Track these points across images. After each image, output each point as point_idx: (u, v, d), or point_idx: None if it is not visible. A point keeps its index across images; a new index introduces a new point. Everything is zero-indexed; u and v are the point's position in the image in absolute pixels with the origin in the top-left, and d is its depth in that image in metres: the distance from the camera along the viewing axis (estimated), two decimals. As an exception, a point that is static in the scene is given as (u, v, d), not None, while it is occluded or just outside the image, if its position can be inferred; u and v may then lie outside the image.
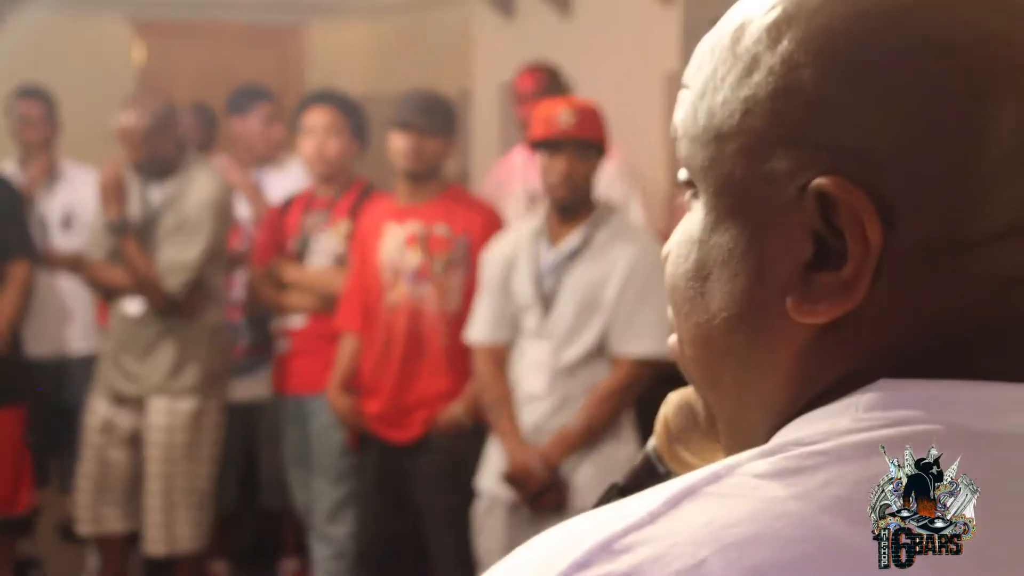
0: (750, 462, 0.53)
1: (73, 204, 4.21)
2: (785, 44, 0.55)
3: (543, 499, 2.88)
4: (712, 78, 0.58)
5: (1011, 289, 0.54)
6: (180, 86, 5.63)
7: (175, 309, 3.60)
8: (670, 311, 0.63)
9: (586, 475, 2.88)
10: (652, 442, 0.92)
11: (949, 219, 0.53)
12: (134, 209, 3.61)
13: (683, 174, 0.61)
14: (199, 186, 3.60)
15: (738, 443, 0.59)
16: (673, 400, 0.90)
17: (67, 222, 4.25)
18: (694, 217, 0.59)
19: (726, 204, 0.57)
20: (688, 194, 0.60)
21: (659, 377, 3.04)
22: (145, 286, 3.56)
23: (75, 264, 3.94)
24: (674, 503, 0.51)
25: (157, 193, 3.63)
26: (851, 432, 0.52)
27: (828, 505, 0.50)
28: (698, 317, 0.59)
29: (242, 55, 6.52)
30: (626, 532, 0.51)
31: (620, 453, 2.88)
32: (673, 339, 0.63)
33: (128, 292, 3.62)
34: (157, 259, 3.56)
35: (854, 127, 0.53)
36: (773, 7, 0.56)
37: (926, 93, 0.52)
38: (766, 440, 0.55)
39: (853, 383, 0.54)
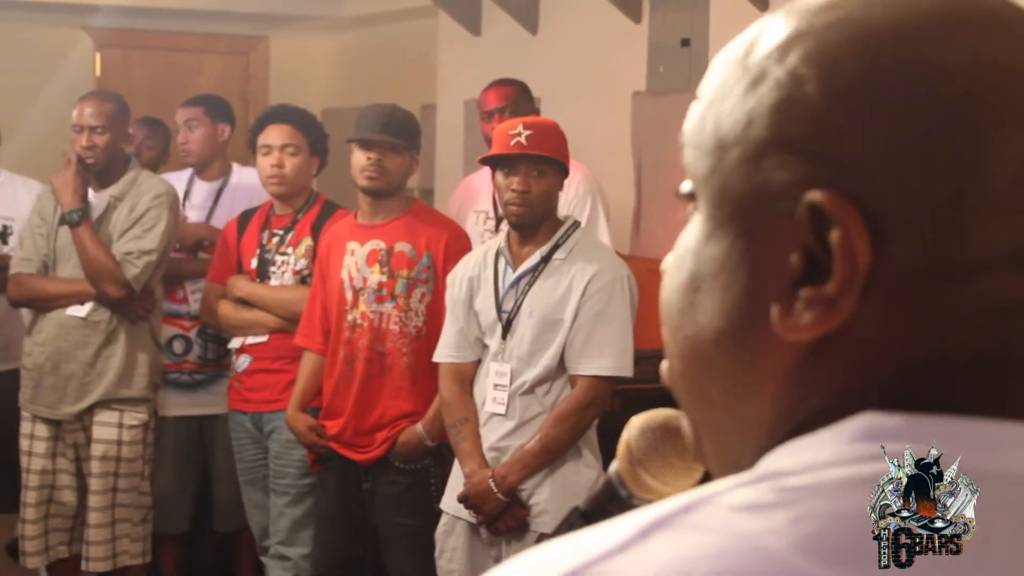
0: (728, 492, 0.52)
1: (13, 217, 4.12)
2: (792, 58, 0.55)
3: (502, 520, 2.87)
4: (721, 88, 0.59)
5: (1005, 320, 0.53)
6: (138, 98, 5.55)
7: (131, 302, 3.55)
8: (665, 332, 0.62)
9: (546, 496, 2.86)
10: (614, 466, 0.92)
11: (944, 244, 0.52)
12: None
13: (686, 185, 0.61)
14: (148, 184, 3.64)
15: (724, 463, 0.59)
16: (636, 424, 0.89)
17: (5, 235, 4.15)
18: (692, 228, 0.60)
19: (722, 214, 0.57)
20: (690, 207, 0.61)
21: (624, 400, 3.01)
22: (103, 274, 3.51)
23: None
24: (645, 533, 0.50)
25: (103, 197, 3.62)
26: (831, 465, 0.51)
27: (800, 543, 0.48)
28: (688, 330, 0.59)
29: (204, 67, 6.45)
30: (594, 562, 0.50)
31: (581, 474, 2.87)
32: (664, 363, 0.63)
33: (64, 303, 3.58)
34: (115, 251, 3.54)
35: (853, 144, 0.53)
36: (787, 23, 0.57)
37: (928, 117, 0.52)
38: (753, 461, 0.55)
39: (842, 408, 0.53)
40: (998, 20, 0.55)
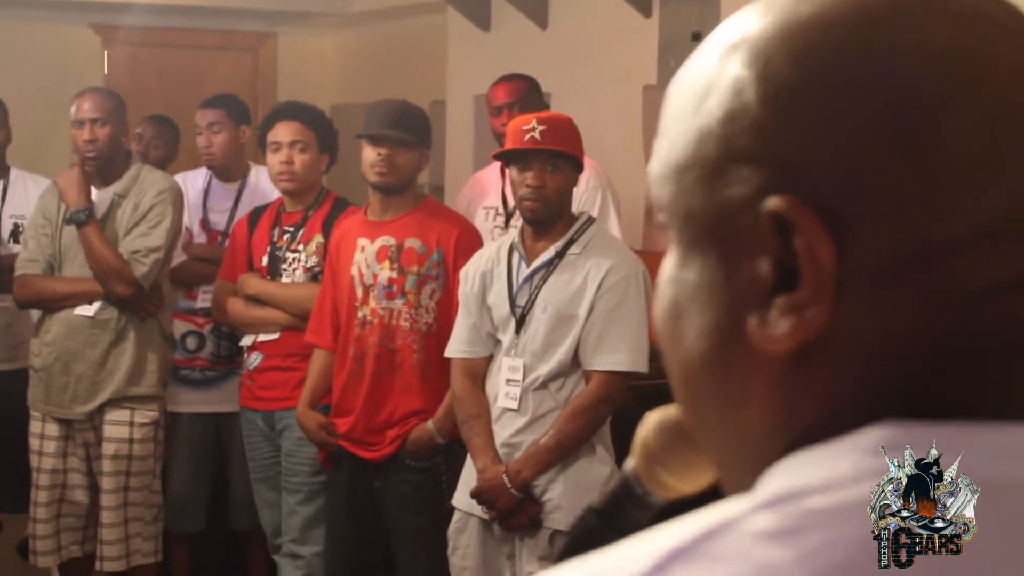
0: (748, 517, 0.50)
1: (24, 215, 4.11)
2: (731, 68, 0.55)
3: (515, 516, 2.85)
4: (674, 116, 0.58)
5: (986, 303, 0.52)
6: (146, 95, 5.55)
7: (139, 300, 3.54)
8: (664, 360, 0.61)
9: (560, 492, 2.84)
10: (630, 463, 0.91)
11: (908, 231, 0.51)
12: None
13: (660, 217, 0.60)
14: (151, 180, 3.62)
15: (729, 482, 0.59)
16: (652, 421, 0.88)
17: (16, 234, 4.15)
18: (668, 258, 0.60)
19: (690, 237, 0.57)
20: (668, 236, 0.60)
21: (638, 396, 2.99)
22: (111, 273, 3.50)
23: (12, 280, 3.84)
24: (662, 566, 0.49)
25: (107, 195, 3.60)
26: (852, 482, 0.50)
27: (827, 572, 0.47)
28: (677, 356, 0.59)
29: (212, 64, 6.44)
30: None
31: (595, 470, 2.85)
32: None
33: (71, 303, 3.57)
34: (122, 249, 3.53)
35: (800, 144, 0.52)
36: (724, 36, 0.57)
37: (869, 103, 0.52)
38: (755, 477, 0.53)
39: (840, 415, 0.52)
40: (932, 4, 0.54)
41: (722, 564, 0.48)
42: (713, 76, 0.56)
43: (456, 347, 3.02)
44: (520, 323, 2.90)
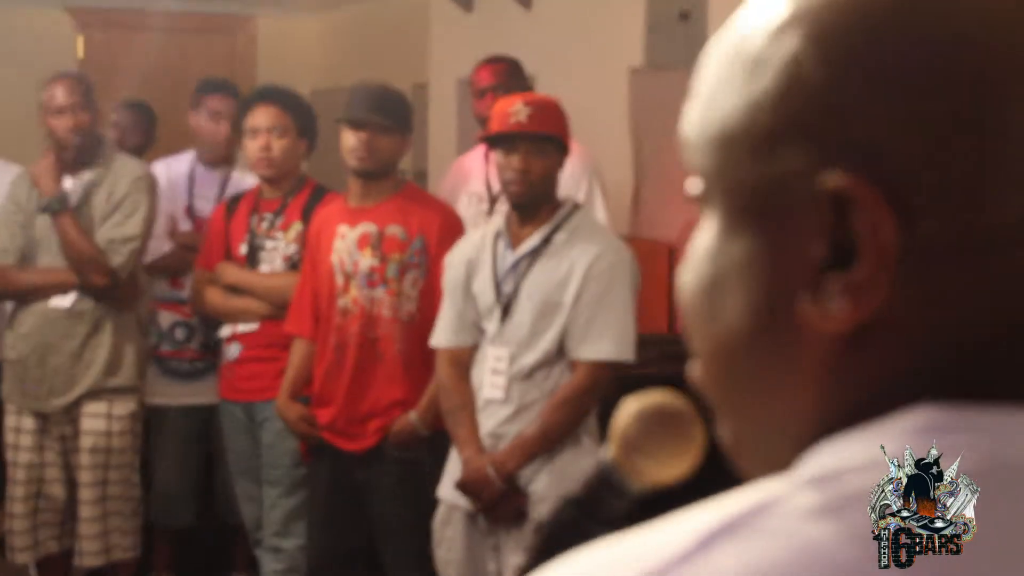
0: (792, 495, 0.50)
1: None
2: (791, 42, 0.54)
3: (500, 508, 2.83)
4: (718, 81, 0.57)
5: None
6: (123, 79, 5.46)
7: (116, 291, 3.50)
8: (692, 338, 0.60)
9: (545, 484, 2.83)
10: (606, 451, 0.89)
11: (970, 215, 0.51)
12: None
13: (695, 187, 0.59)
14: (125, 167, 3.57)
15: (759, 465, 0.58)
16: (629, 408, 0.88)
17: None
18: (705, 231, 0.58)
19: (738, 211, 0.56)
20: (701, 208, 0.59)
21: (623, 385, 2.95)
22: (87, 263, 3.46)
23: None
24: (706, 543, 0.49)
25: (79, 182, 3.55)
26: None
27: (873, 554, 0.48)
28: (715, 334, 0.58)
29: (190, 47, 6.37)
30: (655, 574, 0.48)
31: (581, 461, 2.81)
32: (692, 367, 0.62)
33: (44, 294, 3.52)
34: (98, 239, 3.49)
35: (864, 121, 0.52)
36: (777, 8, 0.56)
37: (937, 84, 0.51)
38: (790, 457, 0.54)
39: (889, 398, 0.52)
40: None
41: (768, 539, 0.48)
42: (766, 48, 0.55)
43: (441, 336, 2.98)
44: (505, 311, 2.86)
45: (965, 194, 0.51)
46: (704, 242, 0.58)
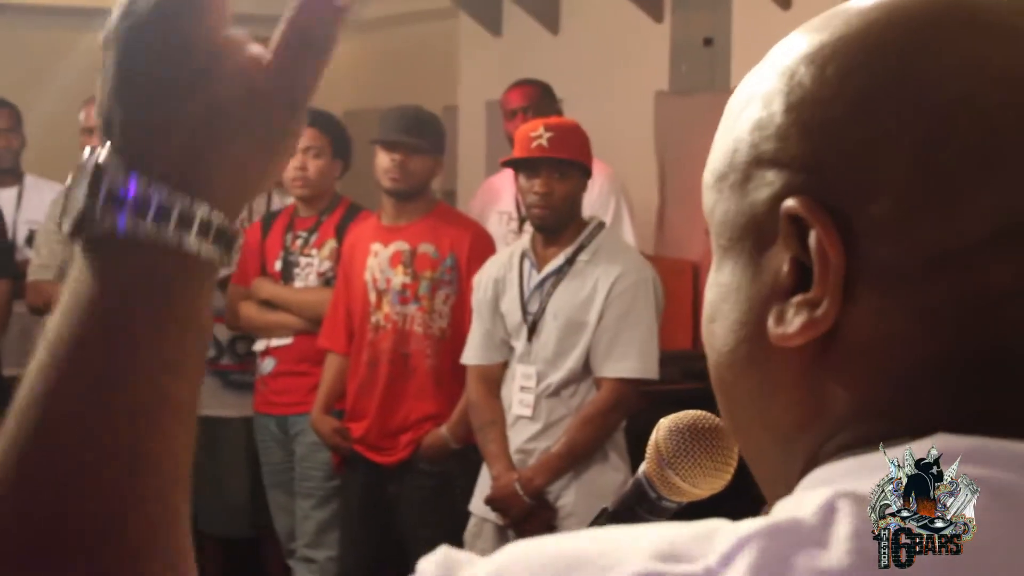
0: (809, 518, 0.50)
1: (39, 221, 4.12)
2: (766, 83, 0.58)
3: (528, 523, 2.85)
4: (721, 128, 0.61)
5: (1002, 307, 0.52)
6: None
7: None
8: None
9: (573, 499, 2.86)
10: (643, 467, 0.92)
11: (919, 232, 0.52)
12: None
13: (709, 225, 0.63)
14: None
15: (765, 480, 0.60)
16: (664, 425, 0.90)
17: (32, 240, 4.15)
18: (712, 266, 0.62)
19: (725, 242, 0.59)
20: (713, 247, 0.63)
21: (654, 402, 3.00)
22: None
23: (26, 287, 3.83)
24: (730, 559, 0.49)
25: None
26: None
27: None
28: (712, 358, 0.61)
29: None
30: None
31: (608, 477, 2.86)
32: None
33: None
34: None
35: (816, 148, 0.54)
36: (774, 57, 0.59)
37: (883, 111, 0.53)
38: (791, 470, 0.55)
39: (871, 412, 0.53)
40: (943, 20, 0.55)
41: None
42: (753, 91, 0.59)
43: (471, 354, 3.03)
44: (532, 330, 2.90)
45: (915, 219, 0.52)
46: (709, 276, 0.62)
